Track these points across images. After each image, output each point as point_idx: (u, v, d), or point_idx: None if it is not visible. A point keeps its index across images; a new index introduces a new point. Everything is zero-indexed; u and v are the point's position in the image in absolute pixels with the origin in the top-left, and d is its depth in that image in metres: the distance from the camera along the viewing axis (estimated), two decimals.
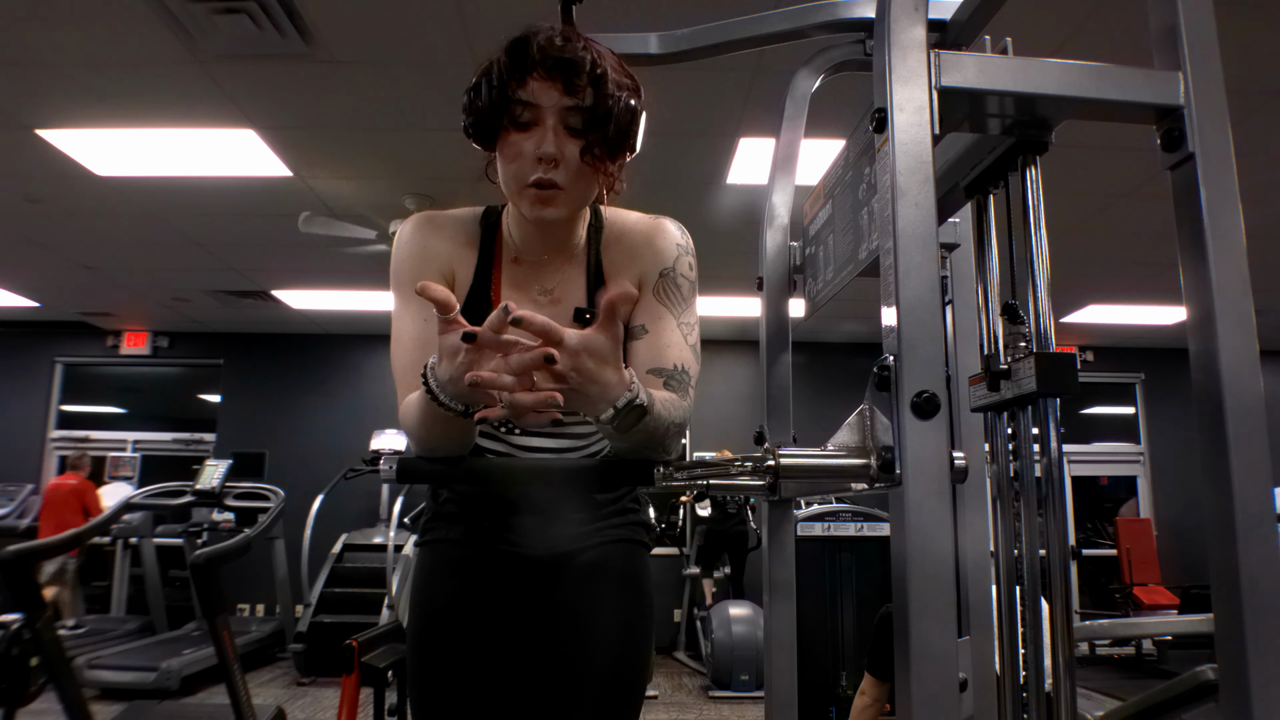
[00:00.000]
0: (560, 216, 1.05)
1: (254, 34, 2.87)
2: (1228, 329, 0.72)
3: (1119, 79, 0.79)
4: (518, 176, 1.03)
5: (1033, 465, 0.93)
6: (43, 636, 2.52)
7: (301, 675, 5.39)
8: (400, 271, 1.12)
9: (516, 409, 0.79)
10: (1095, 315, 6.51)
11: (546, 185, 1.01)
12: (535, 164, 1.01)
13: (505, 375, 0.80)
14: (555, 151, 1.00)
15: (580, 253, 1.17)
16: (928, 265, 0.72)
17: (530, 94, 1.00)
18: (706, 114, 3.51)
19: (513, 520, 1.20)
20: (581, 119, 1.01)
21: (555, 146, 1.00)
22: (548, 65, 0.99)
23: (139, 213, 4.62)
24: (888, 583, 0.71)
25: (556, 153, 1.00)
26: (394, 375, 1.09)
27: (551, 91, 1.00)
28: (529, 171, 1.01)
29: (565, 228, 1.13)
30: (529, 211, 1.04)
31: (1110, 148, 3.62)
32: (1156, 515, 7.48)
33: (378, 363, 7.39)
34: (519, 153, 1.02)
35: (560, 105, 1.00)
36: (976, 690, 1.16)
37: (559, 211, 1.04)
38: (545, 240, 1.14)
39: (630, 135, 1.05)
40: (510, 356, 0.80)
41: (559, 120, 1.01)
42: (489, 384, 0.79)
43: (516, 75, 1.00)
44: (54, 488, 6.24)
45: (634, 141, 1.06)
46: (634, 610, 1.20)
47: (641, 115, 1.06)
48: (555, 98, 1.00)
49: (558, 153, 1.00)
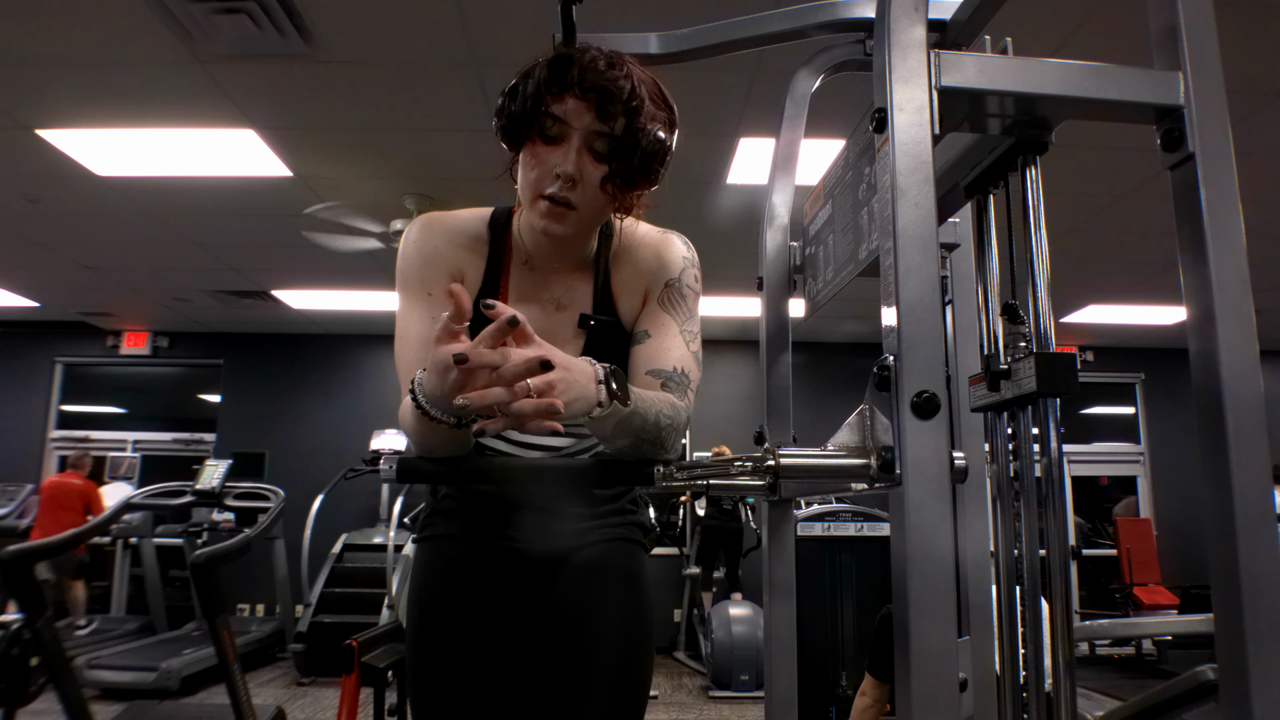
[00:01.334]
0: (566, 235, 1.05)
1: (254, 34, 2.87)
2: (1228, 329, 0.72)
3: (1119, 79, 0.79)
4: (535, 185, 1.03)
5: (1033, 465, 0.93)
6: (43, 636, 2.52)
7: (301, 675, 5.39)
8: (407, 272, 1.12)
9: (519, 418, 0.79)
10: (1095, 315, 6.51)
11: (560, 202, 1.02)
12: (554, 179, 1.01)
13: (495, 389, 0.78)
14: (575, 172, 1.01)
15: (589, 262, 1.17)
16: (928, 265, 0.72)
17: (562, 111, 1.00)
18: (706, 114, 3.51)
19: (512, 517, 1.20)
20: (608, 145, 1.01)
21: (576, 167, 1.01)
22: (584, 86, 0.99)
23: (139, 213, 4.62)
24: (888, 583, 0.71)
25: (576, 173, 1.01)
26: (399, 375, 1.09)
27: (584, 113, 1.00)
28: (546, 184, 1.02)
29: (575, 243, 1.14)
30: (538, 223, 1.04)
31: (1110, 148, 3.62)
32: (1156, 515, 7.47)
33: (378, 363, 7.40)
34: (541, 164, 1.02)
35: (589, 128, 1.01)
36: (976, 690, 1.15)
37: (566, 230, 1.04)
38: (557, 251, 1.14)
39: (653, 170, 1.05)
40: (504, 368, 0.79)
41: (585, 142, 1.01)
42: (479, 403, 0.78)
43: (553, 90, 1.00)
44: (54, 485, 6.22)
45: (657, 176, 1.07)
46: (634, 609, 1.20)
47: (670, 150, 1.06)
48: (586, 120, 1.00)
49: (577, 173, 1.01)
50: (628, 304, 1.17)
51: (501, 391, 0.78)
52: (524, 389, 0.79)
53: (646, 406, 0.96)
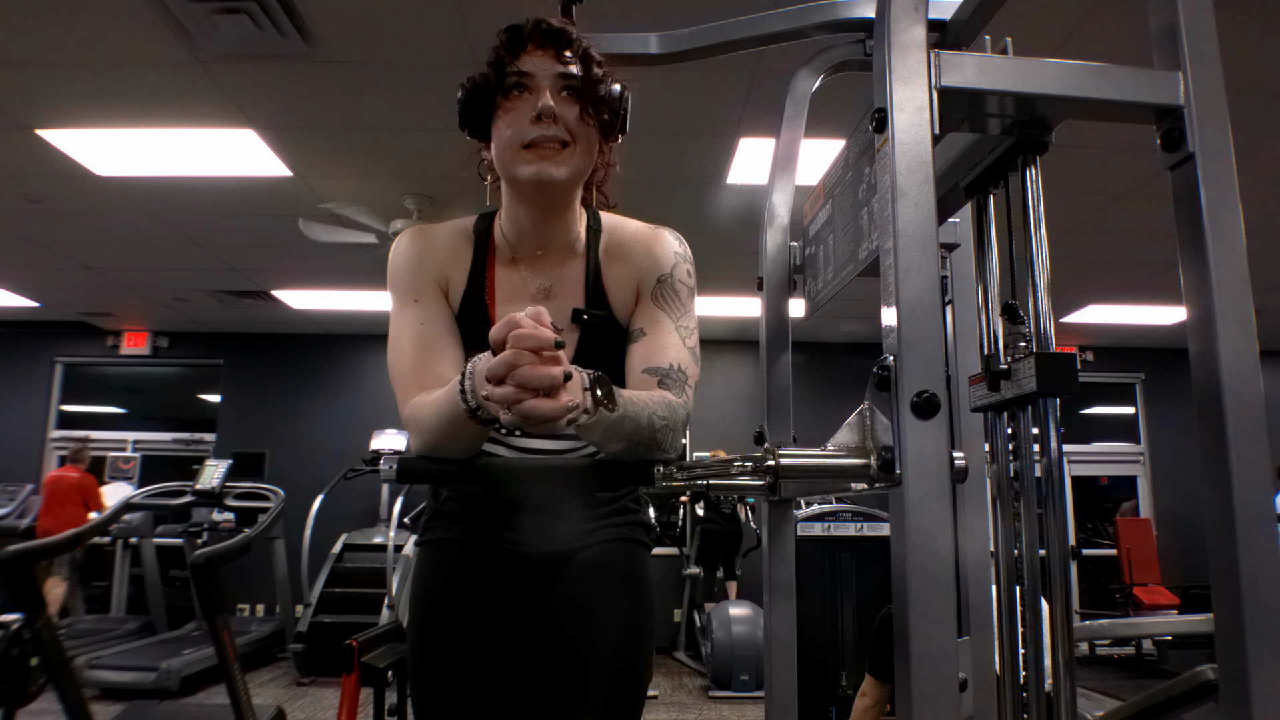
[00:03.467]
0: (561, 177, 1.06)
1: (254, 34, 2.87)
2: (1228, 329, 0.72)
3: (1119, 79, 0.79)
4: (515, 140, 1.05)
5: (1033, 465, 0.93)
6: (43, 636, 2.52)
7: (301, 675, 5.39)
8: (397, 278, 1.16)
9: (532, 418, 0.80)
10: (1095, 315, 6.51)
11: (549, 141, 1.04)
12: (533, 124, 1.04)
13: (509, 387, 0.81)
14: (554, 107, 1.03)
15: (579, 252, 1.18)
16: (928, 265, 0.72)
17: (526, 65, 1.04)
18: (706, 114, 3.51)
19: (513, 519, 1.20)
20: (575, 85, 1.05)
21: (554, 103, 1.04)
22: (539, 38, 1.04)
23: (139, 213, 4.62)
24: (888, 583, 0.71)
25: (554, 108, 1.03)
26: (392, 377, 1.11)
27: (546, 60, 1.05)
28: (528, 132, 1.04)
29: (561, 215, 1.14)
30: (529, 172, 1.05)
31: (1110, 148, 3.62)
32: (1156, 515, 7.47)
33: (378, 363, 7.39)
34: (517, 117, 1.04)
35: (554, 72, 1.05)
36: (976, 690, 1.16)
37: (560, 170, 1.05)
38: (541, 231, 1.14)
39: (620, 109, 1.09)
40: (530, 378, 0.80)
41: (554, 86, 1.05)
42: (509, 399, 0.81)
43: (512, 50, 1.05)
44: (55, 480, 6.23)
45: (624, 118, 1.11)
46: (635, 609, 1.20)
47: (629, 97, 1.11)
48: (550, 66, 1.05)
49: (555, 108, 1.04)
50: (620, 299, 1.17)
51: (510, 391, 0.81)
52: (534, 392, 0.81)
53: (638, 410, 0.96)
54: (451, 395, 0.92)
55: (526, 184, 1.06)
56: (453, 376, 0.97)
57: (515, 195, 1.12)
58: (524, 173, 1.05)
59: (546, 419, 0.80)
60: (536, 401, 0.80)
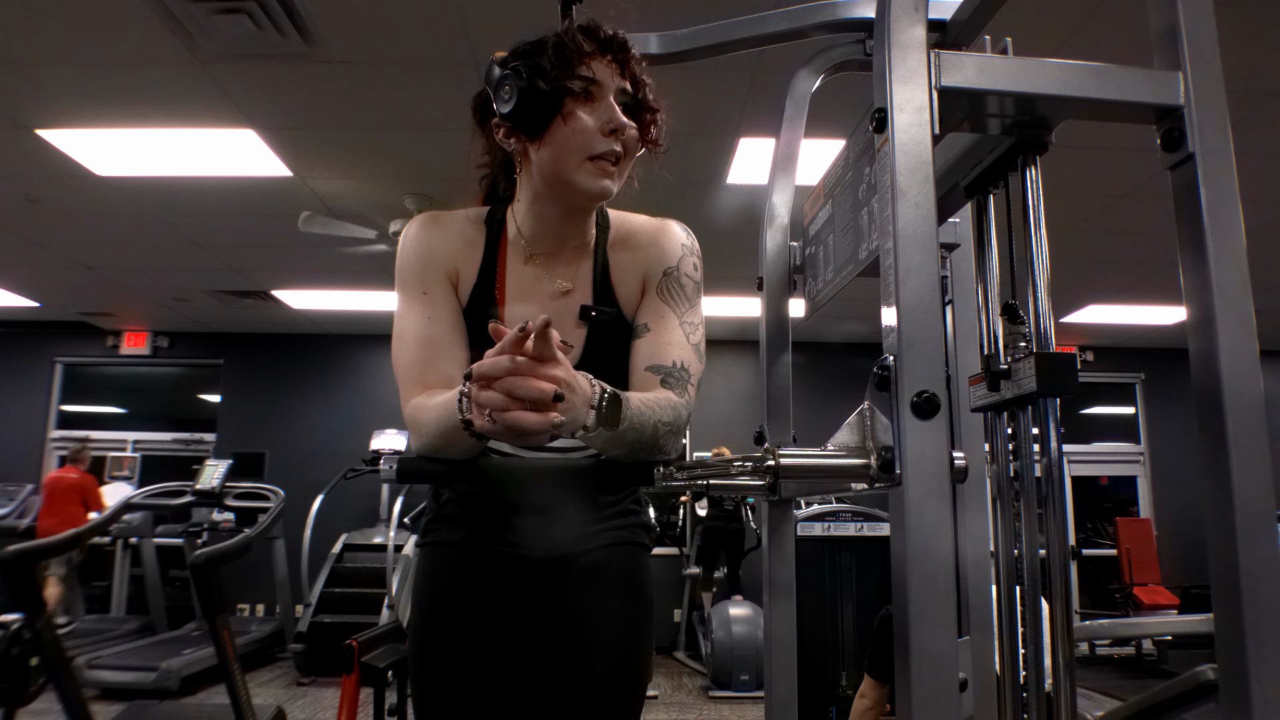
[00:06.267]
0: (614, 191, 1.08)
1: (254, 34, 2.87)
2: (1228, 329, 0.72)
3: (1119, 79, 0.79)
4: (583, 148, 1.04)
5: (1033, 465, 0.93)
6: (43, 636, 2.52)
7: (301, 675, 5.39)
8: (405, 270, 1.13)
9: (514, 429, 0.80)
10: (1095, 315, 6.51)
11: (613, 156, 1.05)
12: (604, 137, 1.04)
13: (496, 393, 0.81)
14: (627, 123, 1.04)
15: (590, 248, 1.18)
16: (928, 265, 0.72)
17: (593, 71, 1.04)
18: (706, 114, 3.51)
19: (514, 521, 1.20)
20: (630, 101, 1.06)
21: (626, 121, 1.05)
22: (607, 46, 1.05)
23: (139, 213, 4.62)
24: (888, 583, 0.71)
25: (628, 125, 1.04)
26: (396, 373, 1.09)
27: (611, 71, 1.05)
28: (598, 144, 1.04)
29: (584, 217, 1.15)
30: (591, 184, 1.05)
31: (1110, 148, 3.62)
32: (1156, 515, 7.47)
33: (378, 363, 7.39)
34: (585, 125, 1.04)
35: (618, 85, 1.05)
36: (976, 690, 1.15)
37: (615, 185, 1.07)
38: (565, 230, 1.14)
39: (661, 128, 1.11)
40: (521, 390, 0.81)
41: (616, 99, 1.05)
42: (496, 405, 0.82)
43: (579, 53, 1.04)
44: (55, 480, 6.23)
45: (661, 137, 1.12)
46: (635, 612, 1.20)
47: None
48: (614, 77, 1.05)
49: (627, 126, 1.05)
50: (626, 292, 1.16)
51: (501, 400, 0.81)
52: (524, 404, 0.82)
53: (644, 420, 0.95)
54: (450, 405, 0.91)
55: (581, 193, 1.06)
56: (457, 374, 0.96)
57: (553, 196, 1.10)
58: (585, 183, 1.05)
59: (528, 433, 0.80)
60: (521, 413, 0.80)
